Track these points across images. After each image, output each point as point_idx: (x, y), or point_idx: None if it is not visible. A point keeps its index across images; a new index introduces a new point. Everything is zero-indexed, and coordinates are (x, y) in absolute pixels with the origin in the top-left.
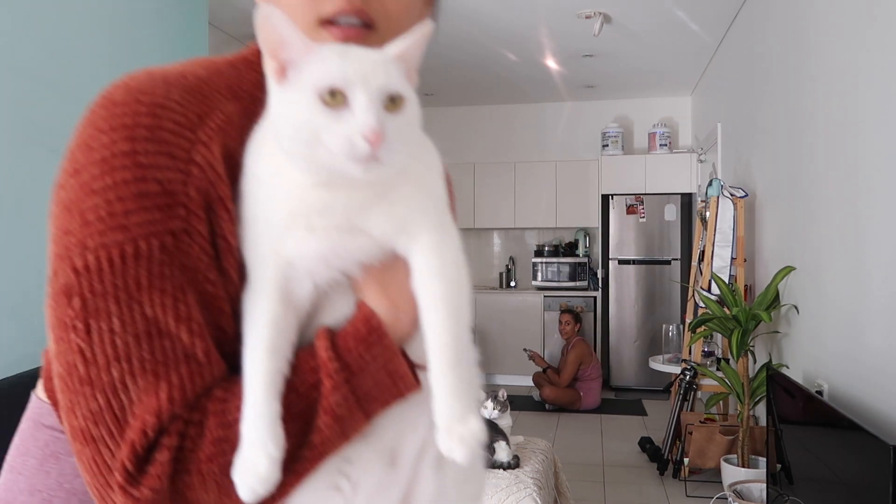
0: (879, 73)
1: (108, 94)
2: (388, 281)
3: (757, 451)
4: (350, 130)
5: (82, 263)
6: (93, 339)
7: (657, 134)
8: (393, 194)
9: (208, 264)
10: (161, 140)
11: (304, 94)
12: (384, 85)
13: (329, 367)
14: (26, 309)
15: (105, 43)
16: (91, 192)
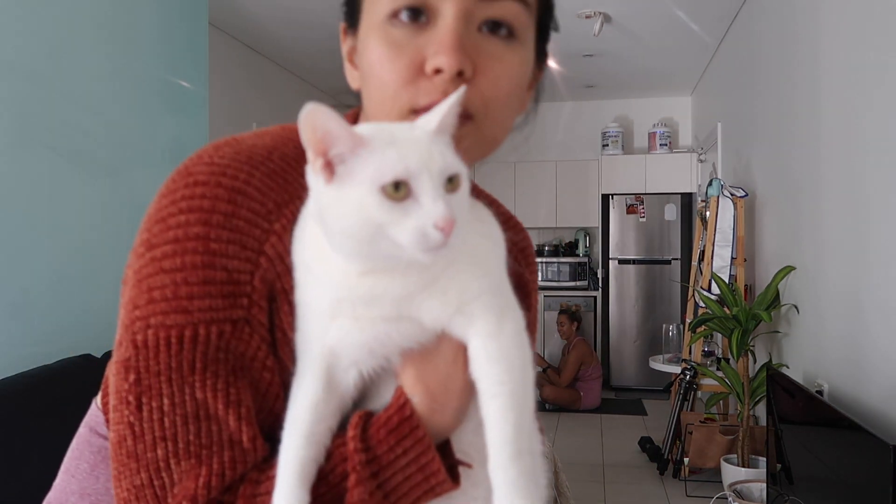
0: (879, 72)
1: (192, 168)
2: (426, 368)
3: (757, 451)
4: (421, 222)
5: (142, 339)
6: (143, 416)
7: (657, 134)
8: (445, 277)
9: (266, 353)
10: (235, 228)
11: (365, 190)
12: (444, 168)
13: (355, 459)
14: (26, 309)
15: (105, 43)
16: (161, 270)
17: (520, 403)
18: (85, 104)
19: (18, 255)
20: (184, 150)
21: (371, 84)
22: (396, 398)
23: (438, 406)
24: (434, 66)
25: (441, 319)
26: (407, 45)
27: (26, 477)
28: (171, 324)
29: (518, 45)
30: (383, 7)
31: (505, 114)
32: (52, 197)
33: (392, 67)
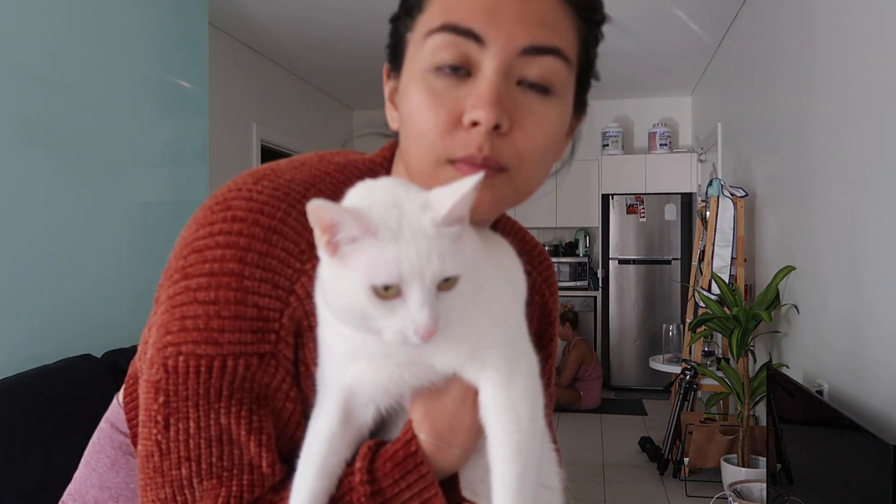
0: (880, 72)
1: (232, 202)
2: (434, 407)
3: (757, 451)
4: (403, 325)
5: (173, 365)
6: (170, 436)
7: (657, 134)
8: (460, 326)
9: (289, 385)
10: (269, 268)
11: (357, 284)
12: (438, 274)
13: (360, 490)
14: (26, 309)
15: (105, 43)
16: (195, 301)
17: (525, 453)
18: (85, 104)
19: (18, 255)
20: (183, 151)
21: (410, 130)
22: (404, 433)
23: (444, 444)
24: (471, 119)
25: (453, 366)
26: (447, 96)
27: (26, 477)
28: (202, 353)
29: (556, 99)
30: (426, 58)
31: (539, 165)
32: (52, 197)
33: (431, 117)
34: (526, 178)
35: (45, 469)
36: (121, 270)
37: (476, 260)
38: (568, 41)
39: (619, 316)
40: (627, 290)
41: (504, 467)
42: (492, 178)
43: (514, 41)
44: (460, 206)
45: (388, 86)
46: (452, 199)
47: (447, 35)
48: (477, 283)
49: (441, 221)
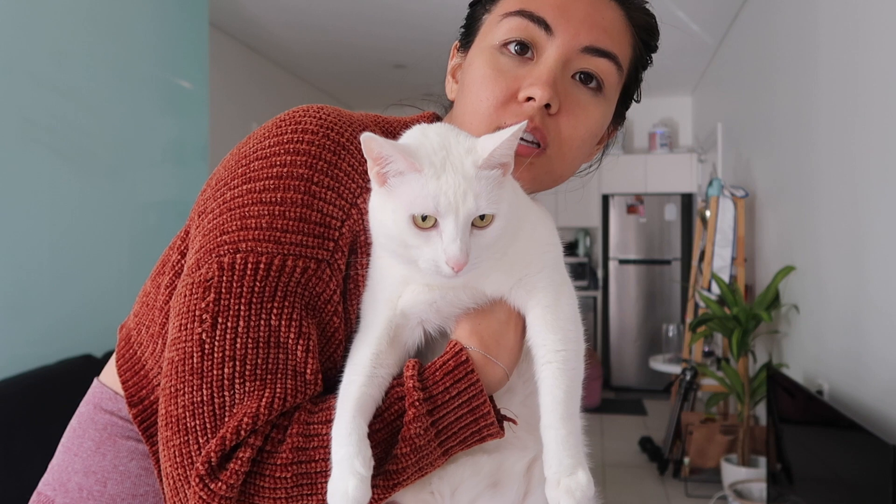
0: (880, 72)
1: (300, 118)
2: (481, 324)
3: (757, 451)
4: (436, 255)
5: (229, 262)
6: (216, 334)
7: (657, 134)
8: (509, 258)
9: (339, 298)
10: (336, 178)
11: (399, 212)
12: (472, 211)
13: (413, 396)
14: (26, 309)
15: (105, 43)
16: (259, 202)
17: (572, 370)
18: (85, 104)
19: (18, 255)
20: (184, 151)
21: (468, 98)
22: (452, 346)
23: (491, 357)
24: (526, 94)
25: (503, 290)
26: (508, 73)
27: (26, 477)
28: (263, 251)
29: (603, 99)
30: (498, 35)
31: (575, 155)
32: (53, 197)
33: (490, 89)
34: (560, 163)
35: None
36: (121, 270)
37: (514, 204)
38: (624, 53)
39: (619, 316)
40: (627, 290)
41: (552, 382)
42: (533, 157)
43: (579, 38)
44: (501, 150)
45: (453, 61)
46: (494, 144)
47: (522, 19)
48: (514, 226)
49: (482, 164)
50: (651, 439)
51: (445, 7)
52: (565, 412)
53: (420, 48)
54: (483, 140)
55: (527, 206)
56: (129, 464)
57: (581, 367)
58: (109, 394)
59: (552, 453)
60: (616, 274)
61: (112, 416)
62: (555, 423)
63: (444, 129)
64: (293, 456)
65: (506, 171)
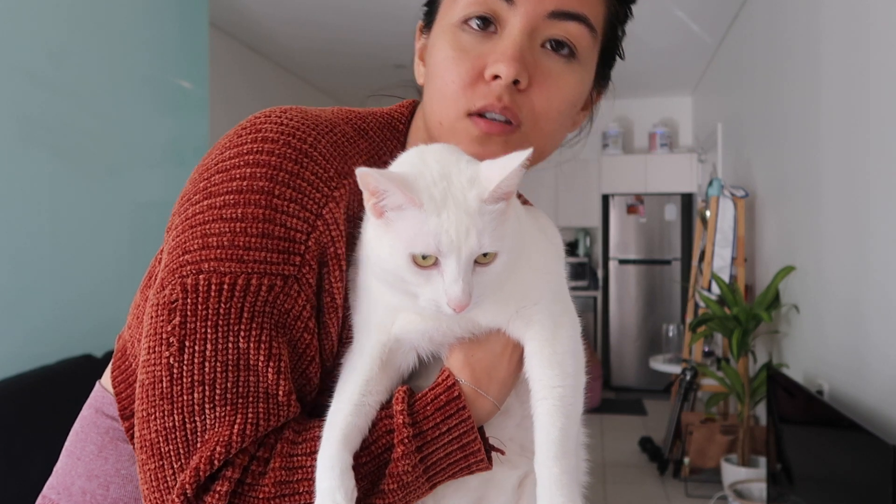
0: (880, 72)
1: (260, 125)
2: (474, 355)
3: (757, 451)
4: (437, 295)
5: (193, 283)
6: (184, 358)
7: (657, 134)
8: (507, 287)
9: (309, 314)
10: (299, 188)
11: (398, 250)
12: (475, 250)
13: (403, 433)
14: (26, 309)
15: (105, 43)
16: (220, 218)
17: (569, 407)
18: (85, 104)
19: (18, 254)
20: (184, 151)
21: (434, 83)
22: (444, 378)
23: (482, 391)
24: (492, 73)
25: (499, 322)
26: (472, 51)
27: (26, 477)
28: (226, 271)
29: (578, 65)
30: (457, 12)
31: (553, 129)
32: (53, 197)
33: (455, 70)
34: (541, 138)
35: (45, 469)
36: (121, 270)
37: (518, 235)
38: (596, 12)
39: (619, 316)
40: (627, 290)
41: (548, 420)
42: (507, 135)
43: (543, 4)
44: (507, 182)
45: (419, 42)
46: (500, 176)
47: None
48: (516, 259)
49: (487, 199)
50: (651, 439)
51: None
52: (559, 451)
53: None
54: (486, 169)
55: (528, 228)
56: (130, 467)
57: (580, 403)
58: (110, 398)
59: (544, 491)
60: (616, 274)
61: (113, 421)
62: (548, 461)
63: (443, 152)
64: (276, 490)
65: (509, 199)
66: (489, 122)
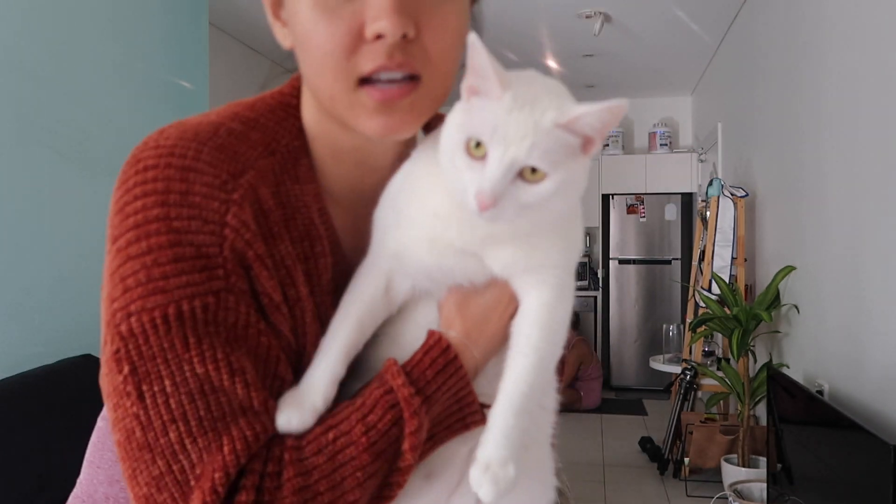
0: (880, 72)
1: (139, 156)
2: (468, 308)
3: (757, 451)
4: (471, 185)
5: (127, 329)
6: (146, 404)
7: (657, 134)
8: (535, 240)
9: (256, 318)
10: (193, 205)
11: (460, 132)
12: (523, 157)
13: (413, 403)
14: (27, 309)
15: (105, 42)
16: (128, 258)
17: (543, 371)
18: (85, 104)
19: (19, 255)
20: None
21: (308, 52)
22: (437, 340)
23: (470, 343)
24: (375, 32)
25: (511, 272)
26: (342, 9)
27: (26, 477)
28: (152, 306)
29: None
30: None
31: (450, 68)
32: (52, 197)
33: (329, 35)
34: (439, 84)
35: (45, 469)
36: None
37: (575, 183)
38: None
39: (619, 316)
40: (627, 290)
41: (522, 374)
42: (408, 95)
43: None
44: (589, 118)
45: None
46: (584, 109)
47: None
48: (561, 204)
49: (565, 123)
50: (651, 439)
51: None
52: (521, 406)
53: None
54: (576, 106)
55: (578, 212)
56: None
57: (552, 375)
58: None
59: (492, 438)
60: (616, 274)
61: None
62: (507, 411)
63: (550, 80)
64: (297, 498)
65: (587, 149)
66: (383, 89)
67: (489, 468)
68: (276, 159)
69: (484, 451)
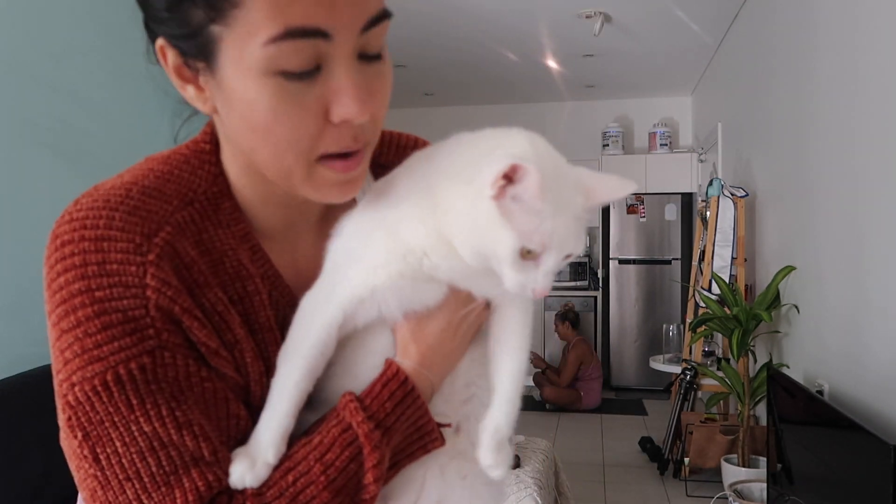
0: (880, 72)
1: (56, 232)
2: (422, 334)
3: (757, 451)
4: (528, 283)
5: (73, 398)
6: (102, 465)
7: (657, 134)
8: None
9: (197, 367)
10: (111, 273)
11: (510, 240)
12: (574, 252)
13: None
14: (25, 309)
15: (105, 43)
16: (62, 332)
17: (525, 367)
18: (85, 104)
19: (18, 254)
20: None
21: (266, 136)
22: (395, 372)
23: (426, 369)
24: (343, 118)
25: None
26: (306, 98)
27: (26, 477)
28: (91, 374)
29: (386, 55)
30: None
31: (383, 118)
32: (53, 197)
33: (295, 124)
34: (378, 131)
35: (45, 469)
36: None
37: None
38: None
39: (619, 316)
40: (627, 290)
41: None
42: (362, 162)
43: (356, 23)
44: (605, 201)
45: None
46: (607, 195)
47: (293, 41)
48: None
49: (587, 208)
50: (651, 439)
51: (446, 7)
52: (516, 396)
53: (420, 48)
54: (588, 177)
55: None
56: None
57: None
58: None
59: (504, 422)
60: (616, 274)
61: None
62: (511, 401)
63: (546, 147)
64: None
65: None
66: (345, 161)
67: (502, 449)
68: (195, 208)
69: (495, 434)
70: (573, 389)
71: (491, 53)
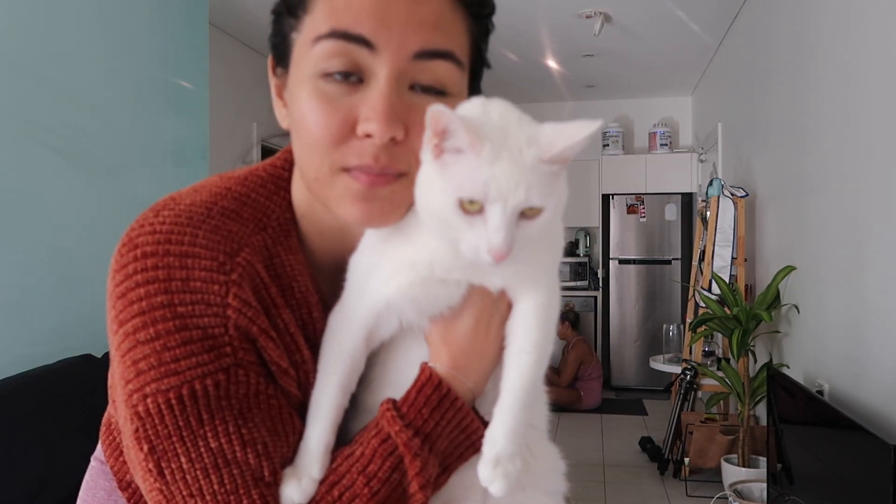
0: (879, 71)
1: (136, 240)
2: (451, 337)
3: (757, 451)
4: (479, 241)
5: (144, 409)
6: (167, 480)
7: (657, 134)
8: (528, 250)
9: (266, 385)
10: (195, 290)
11: (448, 193)
12: (522, 202)
13: (413, 446)
14: (26, 309)
15: (105, 43)
16: (138, 343)
17: (541, 367)
18: (85, 104)
19: (18, 254)
20: (184, 150)
21: (301, 135)
22: (428, 377)
23: (459, 371)
24: (365, 132)
25: (511, 283)
26: (339, 103)
27: (26, 477)
28: (167, 388)
29: (450, 100)
30: (316, 65)
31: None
32: (53, 196)
33: (324, 124)
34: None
35: (45, 469)
36: None
37: (564, 198)
38: (460, 42)
39: (619, 316)
40: (628, 290)
41: (525, 371)
42: (390, 184)
43: (406, 46)
44: (571, 150)
45: (273, 80)
46: (564, 143)
47: (336, 42)
48: (558, 220)
49: (547, 160)
50: (651, 439)
51: None
52: (525, 402)
53: None
54: (547, 131)
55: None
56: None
57: (545, 365)
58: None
59: (500, 434)
60: (616, 274)
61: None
62: (513, 407)
63: (505, 108)
64: None
65: (565, 165)
66: (368, 175)
67: (499, 463)
68: (269, 234)
69: (492, 447)
70: (573, 389)
71: (491, 53)
